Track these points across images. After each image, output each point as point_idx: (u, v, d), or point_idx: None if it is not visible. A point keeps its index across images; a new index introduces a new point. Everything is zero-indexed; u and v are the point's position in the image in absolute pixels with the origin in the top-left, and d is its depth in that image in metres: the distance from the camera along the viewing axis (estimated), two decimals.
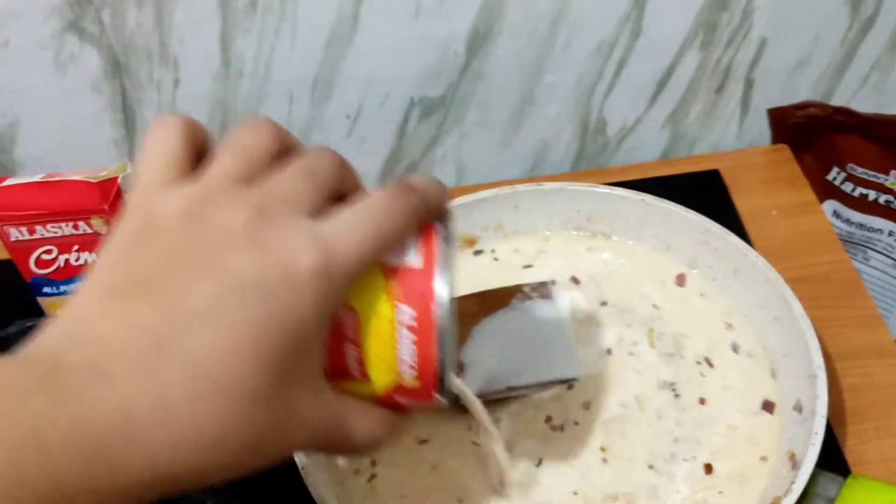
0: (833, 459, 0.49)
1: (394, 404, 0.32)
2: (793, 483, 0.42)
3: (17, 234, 0.49)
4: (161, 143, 0.30)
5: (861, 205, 0.69)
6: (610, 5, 0.61)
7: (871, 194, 0.68)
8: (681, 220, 0.55)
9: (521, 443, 0.49)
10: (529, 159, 0.71)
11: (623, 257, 0.57)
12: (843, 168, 0.68)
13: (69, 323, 0.27)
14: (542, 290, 0.54)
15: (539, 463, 0.48)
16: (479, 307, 0.53)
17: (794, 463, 0.44)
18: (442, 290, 0.30)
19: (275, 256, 0.27)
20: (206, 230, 0.27)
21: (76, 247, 0.50)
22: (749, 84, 0.67)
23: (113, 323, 0.26)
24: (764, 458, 0.47)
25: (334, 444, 0.31)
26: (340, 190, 0.31)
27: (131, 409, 0.25)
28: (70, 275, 0.51)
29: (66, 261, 0.50)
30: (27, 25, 0.56)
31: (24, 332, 0.49)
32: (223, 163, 0.29)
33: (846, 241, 0.71)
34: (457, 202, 0.56)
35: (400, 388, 0.31)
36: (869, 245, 0.71)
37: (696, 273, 0.55)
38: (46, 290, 0.52)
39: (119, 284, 0.27)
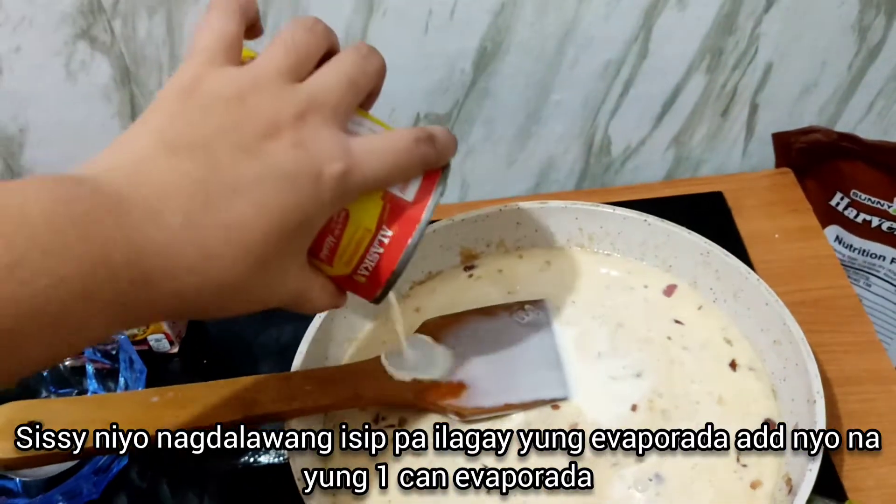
0: (830, 485, 0.49)
1: (342, 286, 0.40)
2: None
3: None
4: (219, 25, 0.34)
5: (864, 231, 0.69)
6: (618, 26, 0.61)
7: (875, 221, 0.68)
8: (682, 241, 0.55)
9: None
10: (533, 177, 0.71)
11: (622, 275, 0.57)
12: (846, 194, 0.68)
13: (127, 163, 0.31)
14: (538, 307, 0.54)
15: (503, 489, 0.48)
16: (476, 322, 0.53)
17: (791, 488, 0.44)
18: (421, 228, 0.38)
19: (310, 156, 0.33)
20: (255, 116, 0.32)
21: None
22: (754, 108, 0.68)
23: (168, 171, 0.31)
24: (756, 485, 0.47)
25: (298, 305, 0.38)
26: (376, 91, 0.37)
27: (179, 253, 0.30)
28: None
29: None
30: (39, 32, 0.56)
31: None
32: (275, 57, 0.34)
33: (848, 266, 0.71)
34: (459, 218, 0.57)
35: (349, 280, 0.39)
36: (871, 271, 0.71)
37: (696, 294, 0.55)
38: None
39: (173, 139, 0.31)
